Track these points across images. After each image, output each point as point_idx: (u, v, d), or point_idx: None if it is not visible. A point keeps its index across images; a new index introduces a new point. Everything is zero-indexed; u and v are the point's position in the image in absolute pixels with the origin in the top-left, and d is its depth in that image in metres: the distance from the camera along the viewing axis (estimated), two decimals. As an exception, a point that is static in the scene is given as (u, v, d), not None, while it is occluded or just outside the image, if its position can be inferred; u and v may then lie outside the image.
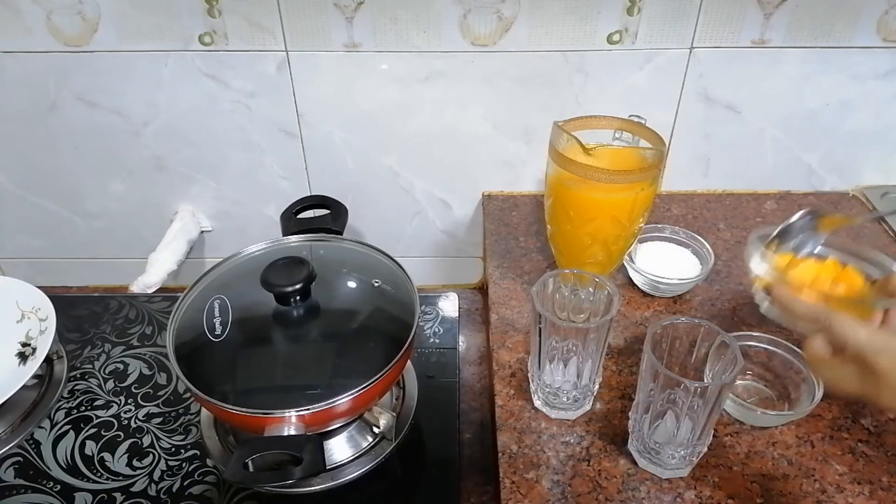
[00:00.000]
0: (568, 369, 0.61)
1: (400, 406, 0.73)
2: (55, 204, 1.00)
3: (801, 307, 0.45)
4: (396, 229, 1.01)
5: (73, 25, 0.82)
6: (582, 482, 0.59)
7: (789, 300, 0.46)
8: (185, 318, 0.65)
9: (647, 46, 0.83)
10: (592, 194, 0.66)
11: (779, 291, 0.47)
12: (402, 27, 0.82)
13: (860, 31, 0.82)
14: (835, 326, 0.42)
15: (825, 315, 0.42)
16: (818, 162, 0.93)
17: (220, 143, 0.92)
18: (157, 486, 0.67)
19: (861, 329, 0.41)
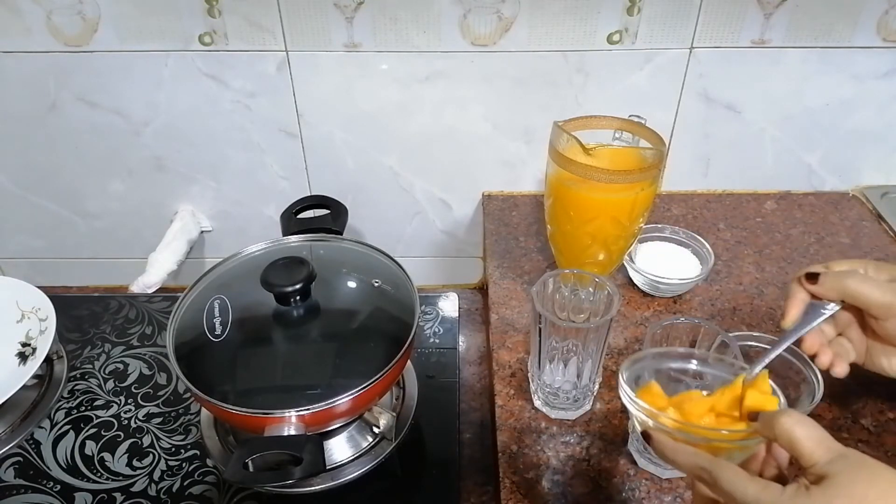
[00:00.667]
0: (568, 369, 0.61)
1: (400, 406, 0.73)
2: (55, 204, 1.00)
3: (682, 458, 0.41)
4: (396, 229, 1.01)
5: (73, 25, 0.82)
6: (582, 482, 0.59)
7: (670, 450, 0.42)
8: (185, 318, 0.65)
9: (647, 46, 0.83)
10: (592, 194, 0.66)
11: (657, 439, 0.43)
12: (402, 27, 0.82)
13: (860, 31, 0.82)
14: (721, 482, 0.39)
15: (710, 468, 0.40)
16: (818, 162, 0.93)
17: (220, 143, 0.92)
18: (157, 486, 0.67)
19: (749, 485, 0.38)
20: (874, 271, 0.53)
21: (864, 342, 0.55)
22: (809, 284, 0.53)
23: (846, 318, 0.56)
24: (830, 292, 0.53)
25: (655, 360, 0.54)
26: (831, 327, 0.56)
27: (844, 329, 0.56)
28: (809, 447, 0.37)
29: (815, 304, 0.54)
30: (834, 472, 0.36)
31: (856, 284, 0.51)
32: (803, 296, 0.54)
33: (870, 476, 0.36)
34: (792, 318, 0.54)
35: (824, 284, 0.52)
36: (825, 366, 0.54)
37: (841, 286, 0.52)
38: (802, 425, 0.38)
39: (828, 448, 0.37)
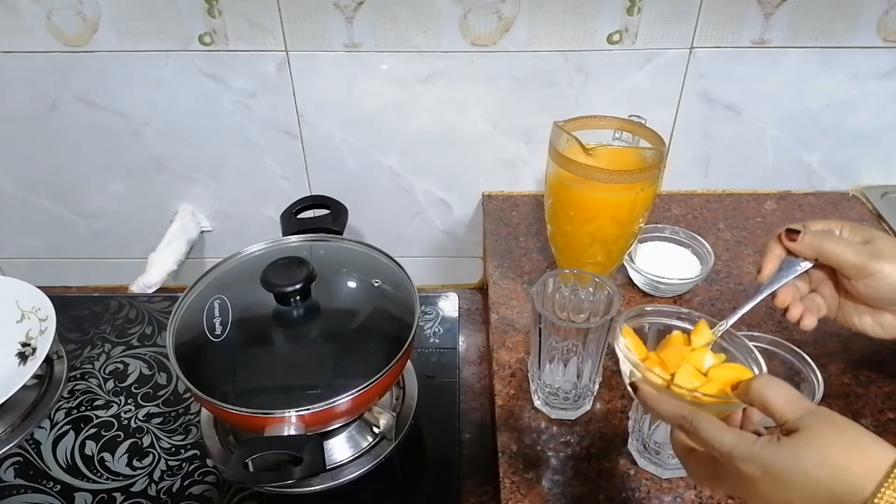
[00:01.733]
0: (568, 369, 0.61)
1: (400, 406, 0.73)
2: (55, 204, 1.00)
3: (665, 408, 0.44)
4: (396, 229, 1.01)
5: (73, 25, 0.82)
6: (582, 482, 0.59)
7: (654, 401, 0.45)
8: (185, 318, 0.65)
9: (647, 46, 0.83)
10: (592, 194, 0.66)
11: (643, 391, 0.46)
12: (402, 27, 0.82)
13: (860, 31, 0.82)
14: (700, 431, 0.41)
15: (690, 417, 0.42)
16: (818, 162, 0.93)
17: (220, 143, 0.92)
18: (157, 486, 0.67)
19: (726, 434, 0.40)
20: (849, 232, 0.55)
21: (836, 299, 0.57)
22: (788, 241, 0.55)
23: (819, 275, 0.58)
24: (807, 250, 0.55)
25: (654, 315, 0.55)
26: (805, 284, 0.58)
27: (817, 286, 0.58)
28: (781, 405, 0.40)
29: (789, 260, 0.56)
30: (803, 426, 0.39)
31: (831, 245, 0.53)
32: (779, 251, 0.56)
33: (835, 430, 0.38)
34: (768, 272, 0.56)
35: (802, 242, 0.54)
36: (795, 319, 0.56)
37: (817, 245, 0.54)
38: (772, 386, 0.41)
39: (798, 406, 0.40)
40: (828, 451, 0.37)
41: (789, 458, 0.38)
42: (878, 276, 0.52)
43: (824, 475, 0.37)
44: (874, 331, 0.56)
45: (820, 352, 0.70)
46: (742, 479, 0.40)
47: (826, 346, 0.71)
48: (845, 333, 0.72)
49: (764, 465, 0.39)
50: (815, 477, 0.37)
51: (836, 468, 0.37)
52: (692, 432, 0.42)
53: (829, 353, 0.70)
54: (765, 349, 0.66)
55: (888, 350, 0.70)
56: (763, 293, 0.56)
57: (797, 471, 0.38)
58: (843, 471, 0.37)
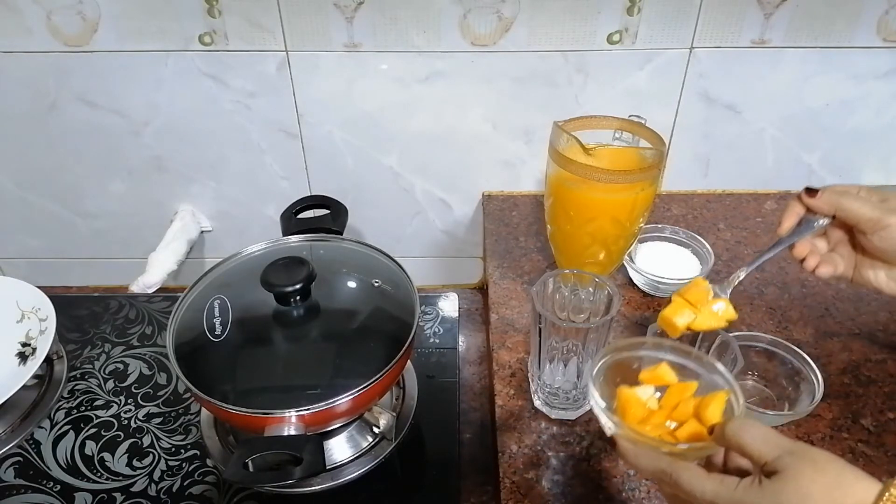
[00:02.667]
0: (568, 369, 0.61)
1: (400, 406, 0.73)
2: (55, 204, 1.00)
3: (644, 463, 0.44)
4: (396, 229, 1.01)
5: (73, 25, 0.82)
6: (582, 482, 0.59)
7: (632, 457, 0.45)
8: (185, 318, 0.65)
9: (647, 46, 0.83)
10: (592, 194, 0.66)
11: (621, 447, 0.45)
12: (402, 27, 0.82)
13: (860, 31, 0.82)
14: (682, 483, 0.41)
15: (669, 470, 0.42)
16: (818, 162, 0.93)
17: (220, 143, 0.92)
18: (157, 486, 0.67)
19: (707, 483, 0.41)
20: (867, 193, 0.57)
21: (853, 258, 0.60)
22: (808, 198, 0.58)
23: (837, 235, 0.60)
24: (825, 206, 0.57)
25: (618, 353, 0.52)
26: (824, 243, 0.61)
27: (835, 246, 0.61)
28: (756, 448, 0.40)
29: (808, 217, 0.59)
30: (782, 467, 0.38)
31: (849, 201, 0.56)
32: (799, 209, 0.59)
33: (815, 469, 0.38)
34: (787, 226, 0.59)
35: (821, 198, 0.57)
36: (811, 267, 0.59)
37: (835, 200, 0.57)
38: (745, 429, 0.41)
39: (775, 445, 0.39)
40: (809, 492, 0.37)
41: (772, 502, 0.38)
42: (892, 228, 0.55)
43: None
44: (888, 287, 0.58)
45: (820, 352, 0.70)
46: None
47: (826, 346, 0.71)
48: (845, 333, 0.72)
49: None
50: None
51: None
52: (674, 485, 0.42)
53: (829, 353, 0.70)
54: (765, 349, 0.66)
55: (888, 350, 0.70)
56: (782, 245, 0.59)
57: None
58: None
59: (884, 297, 0.59)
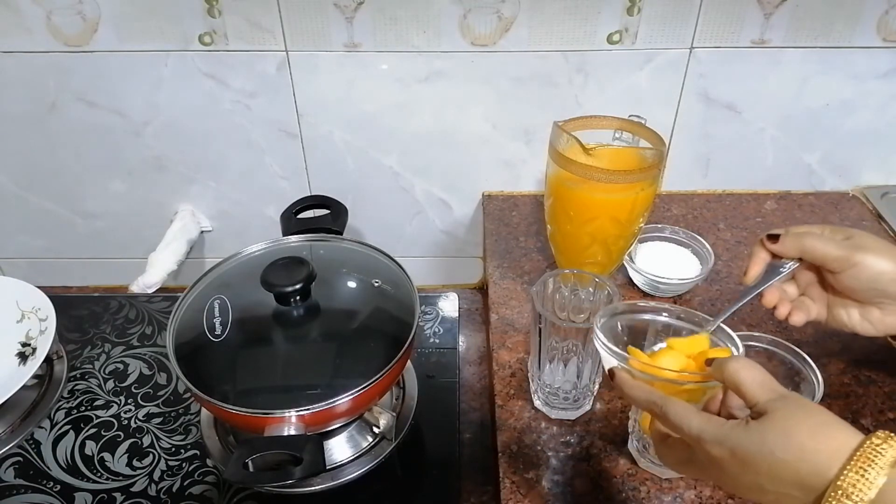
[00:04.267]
0: (568, 369, 0.61)
1: (400, 406, 0.73)
2: (55, 204, 1.00)
3: (638, 393, 0.45)
4: (396, 229, 1.01)
5: (73, 25, 0.82)
6: (582, 482, 0.59)
7: (628, 387, 0.46)
8: (185, 318, 0.65)
9: (647, 46, 0.83)
10: (592, 194, 0.66)
11: (619, 376, 0.47)
12: (402, 27, 0.82)
13: (860, 31, 0.82)
14: (669, 415, 0.42)
15: (660, 403, 0.43)
16: (818, 162, 0.93)
17: (220, 143, 0.92)
18: (157, 486, 0.67)
19: (694, 418, 0.41)
20: (830, 233, 0.56)
21: (824, 299, 0.59)
22: (771, 244, 0.57)
23: (806, 278, 0.59)
24: (790, 250, 0.56)
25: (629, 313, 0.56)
26: (794, 288, 0.60)
27: (805, 289, 0.60)
28: (753, 388, 0.41)
29: (774, 263, 0.57)
30: (772, 409, 0.39)
31: (812, 241, 0.55)
32: (764, 255, 0.57)
33: (803, 413, 0.39)
34: (753, 274, 0.57)
35: (784, 243, 0.56)
36: (783, 316, 0.58)
37: (799, 244, 0.55)
38: (747, 369, 0.42)
39: (770, 389, 0.41)
40: (794, 433, 0.38)
41: (756, 441, 0.39)
42: (860, 266, 0.53)
43: (790, 457, 0.37)
44: (863, 327, 0.57)
45: (820, 352, 0.70)
46: (712, 462, 0.40)
47: (826, 346, 0.71)
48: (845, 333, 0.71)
49: (731, 448, 0.39)
50: (781, 459, 0.38)
51: (802, 450, 0.37)
52: (663, 417, 0.43)
53: (829, 353, 0.70)
54: (765, 349, 0.66)
55: (888, 350, 0.70)
56: (749, 294, 0.57)
57: (764, 452, 0.38)
58: (809, 452, 0.37)
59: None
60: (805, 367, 0.63)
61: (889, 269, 0.53)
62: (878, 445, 0.36)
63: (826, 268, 0.56)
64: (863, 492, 0.35)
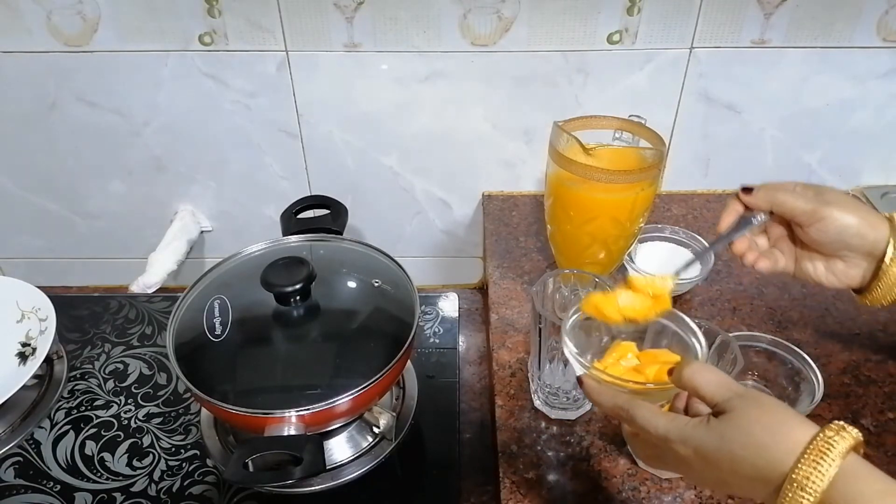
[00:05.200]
0: (568, 369, 0.61)
1: (400, 406, 0.73)
2: (55, 204, 1.00)
3: (605, 399, 0.47)
4: (396, 229, 1.01)
5: (73, 25, 0.82)
6: (582, 482, 0.59)
7: (595, 393, 0.48)
8: (185, 318, 0.65)
9: (647, 46, 0.83)
10: (592, 194, 0.66)
11: (586, 384, 0.48)
12: (402, 27, 0.82)
13: (860, 31, 0.82)
14: (636, 418, 0.44)
15: (626, 406, 0.45)
16: (818, 162, 0.93)
17: (220, 143, 0.92)
18: (157, 486, 0.67)
19: (660, 419, 0.43)
20: (802, 189, 0.58)
21: (793, 253, 0.61)
22: (744, 196, 0.59)
23: (778, 231, 0.61)
24: (761, 202, 0.58)
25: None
26: (764, 240, 0.62)
27: (776, 242, 0.62)
28: (710, 390, 0.42)
29: (746, 214, 0.59)
30: (730, 407, 0.41)
31: (783, 195, 0.57)
32: (738, 207, 0.60)
33: (760, 410, 0.40)
34: (726, 223, 0.60)
35: (756, 196, 0.58)
36: (751, 262, 0.60)
37: (770, 197, 0.58)
38: (702, 373, 0.43)
39: (727, 389, 0.42)
40: (752, 430, 0.39)
41: (717, 439, 0.40)
42: (827, 220, 0.55)
43: (749, 454, 0.39)
44: (828, 279, 0.59)
45: (820, 352, 0.70)
46: (680, 460, 0.42)
47: (826, 346, 0.71)
48: (845, 333, 0.72)
49: (695, 446, 0.41)
50: (740, 456, 0.39)
51: (759, 446, 0.39)
52: (630, 420, 0.44)
53: (829, 353, 0.70)
54: (765, 349, 0.66)
55: (888, 350, 0.70)
56: (721, 241, 0.60)
57: (724, 450, 0.40)
58: (766, 448, 0.38)
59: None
60: (805, 367, 0.63)
61: (854, 223, 0.55)
62: (831, 437, 0.37)
63: (795, 221, 0.58)
64: (816, 483, 0.36)
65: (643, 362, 0.52)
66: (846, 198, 0.56)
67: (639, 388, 0.48)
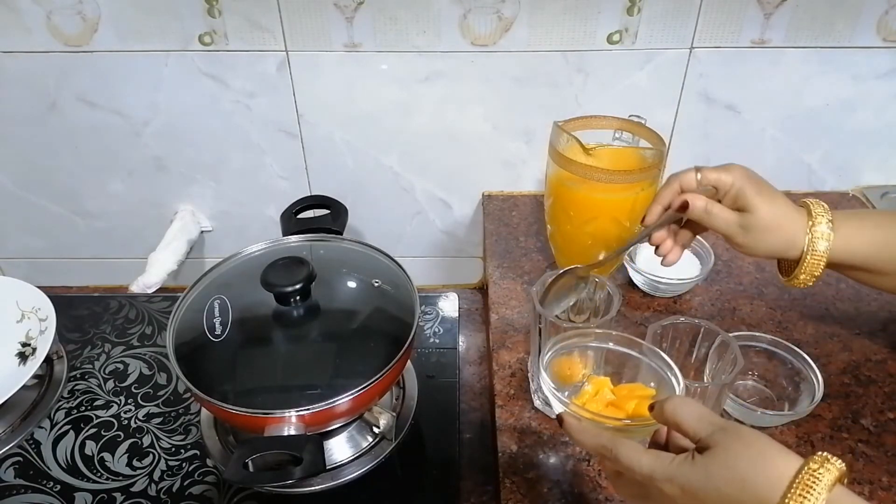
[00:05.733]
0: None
1: (400, 406, 0.73)
2: (55, 204, 1.00)
3: (587, 438, 0.46)
4: (396, 229, 1.01)
5: (73, 25, 0.82)
6: (582, 482, 0.59)
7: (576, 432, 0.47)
8: (185, 318, 0.65)
9: (647, 46, 0.83)
10: (592, 194, 0.66)
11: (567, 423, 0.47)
12: (402, 27, 0.82)
13: (860, 31, 0.82)
14: (620, 457, 0.43)
15: (609, 445, 0.44)
16: (818, 162, 0.93)
17: (220, 143, 0.92)
18: (157, 486, 0.67)
19: (644, 457, 0.42)
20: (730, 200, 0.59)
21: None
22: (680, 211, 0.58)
23: None
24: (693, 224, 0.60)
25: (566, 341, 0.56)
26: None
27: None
28: (692, 425, 0.42)
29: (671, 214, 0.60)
30: (714, 442, 0.40)
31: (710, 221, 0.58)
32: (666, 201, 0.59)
33: (742, 444, 0.40)
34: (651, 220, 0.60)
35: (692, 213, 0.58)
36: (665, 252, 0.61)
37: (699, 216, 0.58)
38: (683, 408, 0.43)
39: (709, 423, 0.42)
40: (735, 465, 0.39)
41: (702, 476, 0.40)
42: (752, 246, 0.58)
43: (733, 490, 0.39)
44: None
45: (820, 352, 0.70)
46: (665, 498, 0.42)
47: (826, 346, 0.71)
48: (845, 333, 0.72)
49: (681, 485, 0.40)
50: (726, 493, 0.39)
51: (744, 482, 0.38)
52: (613, 460, 0.44)
53: (829, 353, 0.70)
54: (765, 349, 0.66)
55: (888, 350, 0.70)
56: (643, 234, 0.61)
57: (710, 487, 0.39)
58: (751, 483, 0.38)
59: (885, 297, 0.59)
60: (805, 367, 0.63)
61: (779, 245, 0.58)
62: (816, 471, 0.37)
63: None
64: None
65: (619, 397, 0.51)
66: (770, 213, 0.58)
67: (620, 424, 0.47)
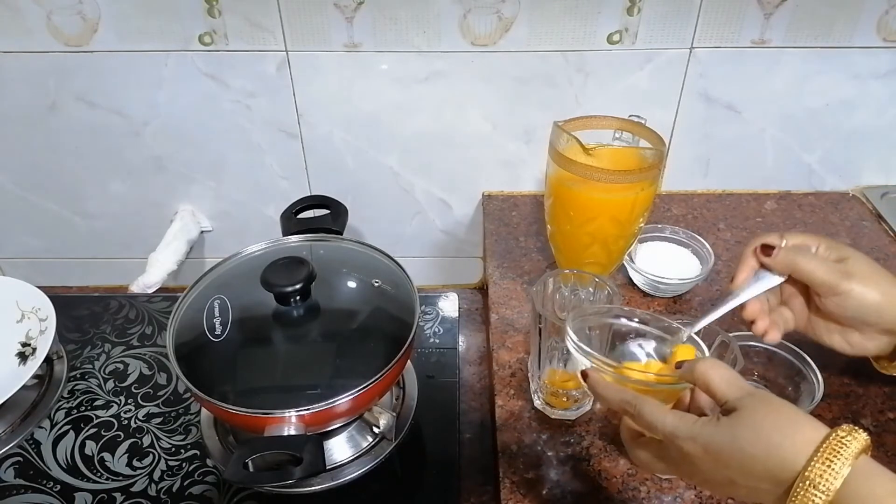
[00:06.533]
0: (568, 369, 0.61)
1: (400, 406, 0.73)
2: (55, 204, 1.00)
3: (611, 394, 0.46)
4: (396, 229, 1.01)
5: (73, 25, 0.82)
6: (582, 482, 0.59)
7: (601, 387, 0.47)
8: (185, 318, 0.65)
9: (647, 46, 0.83)
10: (592, 194, 0.66)
11: (592, 378, 0.47)
12: (402, 27, 0.82)
13: (860, 31, 0.82)
14: (643, 414, 0.43)
15: (634, 402, 0.44)
16: (818, 162, 0.93)
17: (220, 143, 0.92)
18: (157, 486, 0.67)
19: (668, 416, 0.42)
20: (825, 250, 0.55)
21: (805, 314, 0.58)
22: (763, 256, 0.56)
23: (791, 289, 0.58)
24: (781, 266, 0.55)
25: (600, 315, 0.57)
26: (775, 297, 0.59)
27: (788, 299, 0.59)
28: (722, 387, 0.42)
29: (762, 273, 0.56)
30: (741, 406, 0.41)
31: (804, 262, 0.54)
32: (753, 263, 0.57)
33: (770, 409, 0.40)
34: (740, 282, 0.57)
35: (776, 258, 0.55)
36: (760, 332, 0.57)
37: (791, 261, 0.54)
38: (716, 368, 0.43)
39: (738, 387, 0.42)
40: (762, 428, 0.39)
41: (727, 437, 0.40)
42: (847, 295, 0.53)
43: (759, 452, 0.39)
44: (842, 347, 0.57)
45: (820, 352, 0.69)
46: (685, 458, 0.42)
47: (826, 346, 0.70)
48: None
49: (704, 444, 0.40)
50: (750, 454, 0.39)
51: (770, 445, 0.38)
52: (636, 416, 0.44)
53: (829, 353, 0.69)
54: (765, 349, 0.66)
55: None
56: (733, 302, 0.56)
57: (734, 448, 0.39)
58: (777, 447, 0.38)
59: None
60: (805, 367, 0.63)
61: (875, 301, 0.53)
62: (843, 437, 0.38)
63: (813, 290, 0.55)
64: (829, 482, 0.36)
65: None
66: (871, 269, 0.53)
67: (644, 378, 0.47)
